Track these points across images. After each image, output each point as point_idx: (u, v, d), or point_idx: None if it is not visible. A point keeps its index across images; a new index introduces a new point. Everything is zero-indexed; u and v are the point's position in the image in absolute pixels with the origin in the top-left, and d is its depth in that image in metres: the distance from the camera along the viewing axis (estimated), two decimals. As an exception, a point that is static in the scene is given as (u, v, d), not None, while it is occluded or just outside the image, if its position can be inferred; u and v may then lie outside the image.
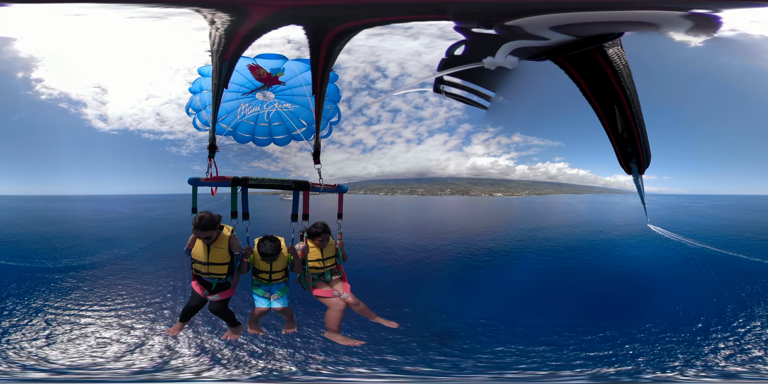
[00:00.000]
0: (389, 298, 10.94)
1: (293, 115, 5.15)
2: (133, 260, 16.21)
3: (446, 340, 8.80)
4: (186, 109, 5.21)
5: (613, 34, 1.87)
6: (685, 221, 28.37)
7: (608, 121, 2.35)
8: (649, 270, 14.94)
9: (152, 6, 3.82)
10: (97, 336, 8.89)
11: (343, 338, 4.33)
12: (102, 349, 8.35)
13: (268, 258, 4.28)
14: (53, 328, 9.09)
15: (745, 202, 51.58)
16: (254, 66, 4.77)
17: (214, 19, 2.48)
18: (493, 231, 25.09)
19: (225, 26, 2.51)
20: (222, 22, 2.48)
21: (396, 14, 2.19)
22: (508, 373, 7.59)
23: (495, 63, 2.20)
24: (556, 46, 1.95)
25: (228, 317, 4.53)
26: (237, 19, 2.41)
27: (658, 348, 8.37)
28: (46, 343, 8.41)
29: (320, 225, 4.51)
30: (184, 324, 4.58)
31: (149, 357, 8.01)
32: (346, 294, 4.48)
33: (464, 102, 3.06)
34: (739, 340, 8.75)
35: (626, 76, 2.10)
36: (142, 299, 11.36)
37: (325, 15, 2.24)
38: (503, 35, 2.04)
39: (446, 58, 2.60)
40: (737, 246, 17.44)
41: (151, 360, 7.94)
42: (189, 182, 4.11)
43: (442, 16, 2.08)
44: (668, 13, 1.79)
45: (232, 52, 2.79)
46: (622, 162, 2.73)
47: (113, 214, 37.13)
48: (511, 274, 14.79)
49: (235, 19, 2.42)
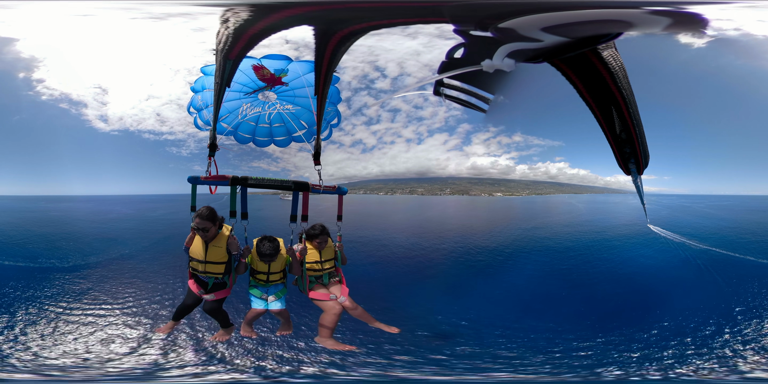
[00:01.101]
0: (380, 295, 10.92)
1: (294, 116, 5.16)
2: (137, 258, 16.47)
3: (441, 340, 8.78)
4: (187, 109, 5.22)
5: (610, 36, 1.88)
6: (688, 222, 28.22)
7: (606, 123, 2.37)
8: (653, 272, 14.76)
9: (180, 4, 3.82)
10: (116, 334, 9.04)
11: (334, 343, 4.23)
12: (121, 345, 8.48)
13: (266, 258, 4.24)
14: (75, 328, 9.25)
15: (746, 203, 51.52)
16: (258, 66, 4.78)
17: (230, 18, 2.47)
18: (490, 231, 25.09)
19: (237, 25, 2.49)
20: (236, 21, 2.47)
21: (402, 17, 2.19)
22: (503, 374, 7.58)
23: (493, 66, 2.21)
24: (552, 48, 1.96)
25: (221, 318, 4.48)
26: (254, 18, 2.39)
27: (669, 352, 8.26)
28: (73, 342, 8.57)
29: (319, 226, 4.45)
30: (176, 323, 4.55)
31: (161, 352, 8.13)
32: (343, 298, 4.38)
33: (463, 105, 3.07)
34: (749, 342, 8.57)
35: (622, 77, 2.11)
36: (153, 296, 11.60)
37: (339, 16, 2.23)
38: (499, 37, 2.05)
39: (446, 61, 2.61)
40: (742, 247, 17.11)
41: (162, 355, 8.03)
42: (189, 181, 4.10)
43: (441, 19, 2.09)
44: (653, 10, 1.80)
45: (238, 51, 2.79)
46: (620, 163, 2.74)
47: (115, 214, 37.29)
48: (507, 275, 14.73)
49: (252, 19, 2.40)
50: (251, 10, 2.40)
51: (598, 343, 8.80)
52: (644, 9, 1.82)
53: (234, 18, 2.48)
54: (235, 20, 2.49)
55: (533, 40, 1.94)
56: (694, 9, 1.87)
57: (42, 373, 7.18)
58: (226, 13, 2.50)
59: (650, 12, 1.82)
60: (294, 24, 2.38)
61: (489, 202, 66.42)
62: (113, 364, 7.65)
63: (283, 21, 2.37)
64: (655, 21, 1.83)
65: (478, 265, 16.20)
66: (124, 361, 7.74)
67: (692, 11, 1.84)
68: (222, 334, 4.59)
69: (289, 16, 2.30)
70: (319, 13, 2.28)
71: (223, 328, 4.59)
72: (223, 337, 4.58)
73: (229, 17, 2.51)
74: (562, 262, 16.67)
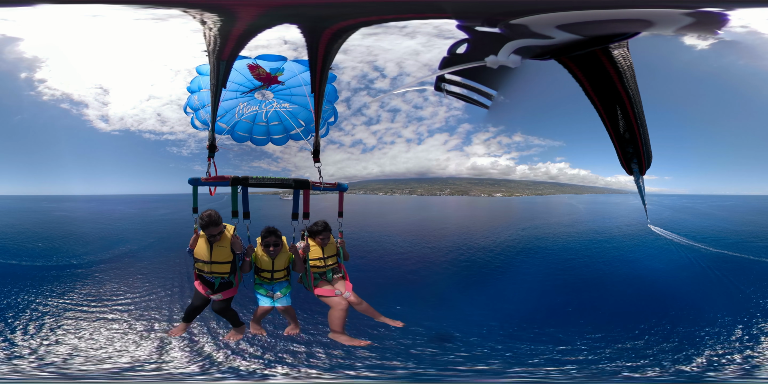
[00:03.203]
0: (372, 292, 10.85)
1: (291, 114, 5.14)
2: (144, 254, 17.18)
3: (442, 340, 8.73)
4: (184, 109, 5.21)
5: (625, 35, 1.85)
6: (693, 223, 27.95)
7: (610, 122, 2.34)
8: (660, 276, 14.44)
9: (145, 7, 3.82)
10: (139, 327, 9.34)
11: (348, 338, 4.27)
12: (144, 339, 8.68)
13: (271, 239, 4.25)
14: (102, 324, 9.61)
15: (749, 203, 51.28)
16: (254, 65, 4.77)
17: (204, 19, 2.46)
18: (486, 232, 25.02)
19: (217, 26, 2.49)
20: (213, 23, 2.47)
21: (392, 13, 2.17)
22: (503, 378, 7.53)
23: (498, 62, 2.18)
24: (561, 45, 1.93)
25: (231, 317, 4.51)
26: (226, 19, 2.39)
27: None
28: (98, 337, 8.85)
29: (321, 223, 4.49)
30: (188, 325, 4.57)
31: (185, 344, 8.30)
32: (348, 293, 4.44)
33: (466, 101, 3.04)
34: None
35: (630, 77, 2.08)
36: (169, 288, 12.05)
37: (320, 14, 2.22)
38: (507, 34, 2.02)
39: (448, 56, 2.58)
40: (756, 249, 16.73)
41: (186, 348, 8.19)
42: (189, 182, 4.09)
43: (440, 15, 2.06)
44: (673, 11, 1.77)
45: (229, 51, 2.78)
46: (623, 162, 2.72)
47: (119, 214, 37.68)
48: (503, 279, 14.57)
49: (225, 19, 2.40)
50: (213, 11, 2.38)
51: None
52: (666, 8, 1.79)
53: (208, 19, 2.46)
54: (210, 21, 2.47)
55: (544, 37, 1.91)
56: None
57: (67, 374, 7.30)
58: (196, 15, 2.48)
59: (671, 11, 1.79)
60: (276, 23, 2.35)
61: (488, 203, 66.32)
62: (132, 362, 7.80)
63: (263, 20, 2.35)
64: (676, 19, 1.80)
65: (473, 265, 16.13)
66: (142, 359, 7.90)
67: (713, 10, 1.81)
68: (234, 334, 4.62)
69: (261, 13, 2.28)
70: (299, 11, 2.25)
71: (234, 327, 4.62)
72: (235, 336, 4.61)
73: (203, 19, 2.49)
74: (563, 263, 16.54)
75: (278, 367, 7.60)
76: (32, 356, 7.73)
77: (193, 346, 8.24)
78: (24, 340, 8.38)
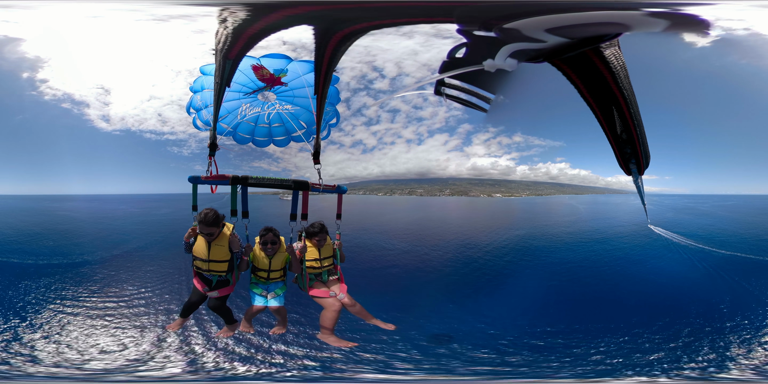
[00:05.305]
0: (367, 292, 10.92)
1: (293, 116, 5.15)
2: (152, 250, 18.05)
3: (439, 341, 8.73)
4: (186, 109, 5.22)
5: (611, 35, 1.87)
6: (698, 224, 27.64)
7: (606, 123, 2.35)
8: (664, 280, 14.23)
9: (179, 4, 3.81)
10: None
11: (336, 339, 4.31)
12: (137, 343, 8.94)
13: (269, 234, 4.34)
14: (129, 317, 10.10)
15: (751, 202, 51.01)
16: (258, 66, 4.78)
17: (228, 17, 2.46)
18: (484, 233, 24.99)
19: (235, 25, 2.49)
20: (234, 21, 2.46)
21: (407, 16, 2.17)
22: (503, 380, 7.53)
23: (495, 65, 2.20)
24: (553, 48, 1.95)
25: (225, 314, 4.56)
26: (252, 18, 2.37)
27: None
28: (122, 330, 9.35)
29: (318, 225, 4.50)
30: (185, 320, 4.64)
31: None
32: (342, 295, 4.46)
33: (465, 105, 3.06)
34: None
35: (623, 77, 2.09)
36: (176, 282, 12.63)
37: (340, 16, 2.21)
38: (502, 38, 2.04)
39: (447, 61, 2.60)
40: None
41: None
42: (189, 180, 4.11)
43: (447, 19, 2.08)
44: (652, 12, 1.78)
45: (238, 50, 2.78)
46: (621, 163, 2.72)
47: (122, 213, 37.87)
48: (502, 282, 14.52)
49: (250, 18, 2.39)
50: (248, 10, 2.39)
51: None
52: (642, 10, 1.81)
53: (232, 18, 2.47)
54: (233, 20, 2.48)
55: (536, 41, 1.93)
56: (693, 10, 1.85)
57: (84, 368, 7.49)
58: (222, 12, 2.49)
59: (648, 14, 1.80)
60: (294, 24, 2.36)
61: (487, 204, 66.15)
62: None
63: (282, 21, 2.35)
64: (652, 23, 1.82)
65: (470, 265, 16.09)
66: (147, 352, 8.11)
67: (689, 13, 1.83)
68: (226, 331, 4.69)
69: (288, 15, 2.28)
70: (321, 13, 2.26)
71: (227, 324, 4.68)
72: (227, 333, 4.69)
73: (226, 17, 2.50)
74: (562, 264, 16.44)
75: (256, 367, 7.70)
76: (73, 352, 8.15)
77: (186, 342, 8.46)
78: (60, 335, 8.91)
